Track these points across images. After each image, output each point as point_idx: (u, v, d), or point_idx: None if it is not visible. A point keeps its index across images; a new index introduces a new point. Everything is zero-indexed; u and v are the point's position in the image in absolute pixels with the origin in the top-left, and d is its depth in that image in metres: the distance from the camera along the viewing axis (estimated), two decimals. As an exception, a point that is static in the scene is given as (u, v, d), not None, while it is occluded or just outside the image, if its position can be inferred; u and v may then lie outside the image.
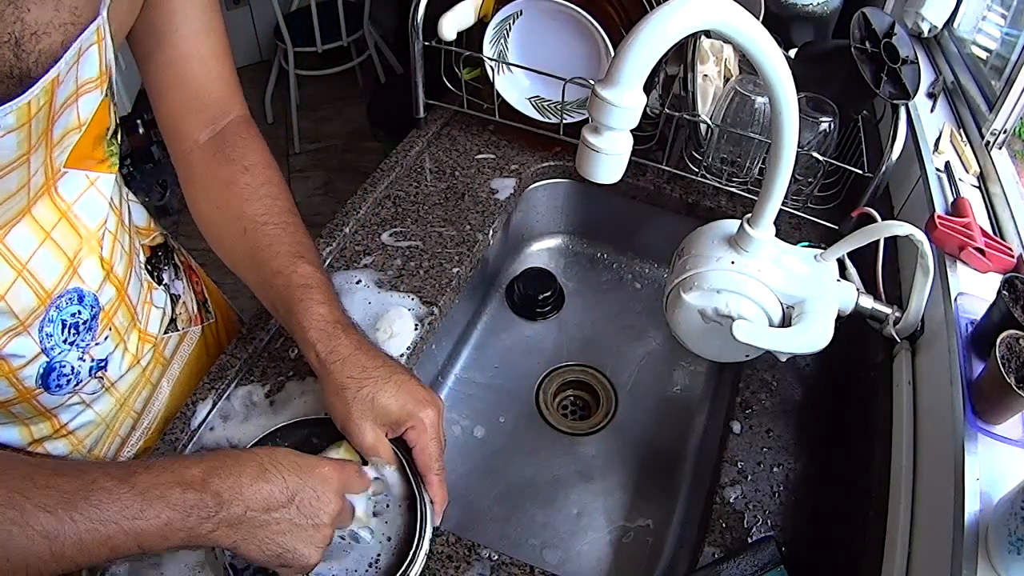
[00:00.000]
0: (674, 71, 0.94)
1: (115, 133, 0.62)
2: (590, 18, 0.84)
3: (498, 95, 0.95)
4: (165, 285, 0.75)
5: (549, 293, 0.99)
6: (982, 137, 0.83)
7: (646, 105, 0.51)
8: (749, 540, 0.63)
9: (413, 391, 0.59)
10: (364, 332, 0.64)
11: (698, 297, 0.64)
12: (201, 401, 0.69)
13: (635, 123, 0.50)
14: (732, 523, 0.64)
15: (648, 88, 0.79)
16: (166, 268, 0.76)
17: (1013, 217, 0.74)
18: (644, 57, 0.47)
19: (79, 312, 0.60)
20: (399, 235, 0.87)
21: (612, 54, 0.61)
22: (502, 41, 0.92)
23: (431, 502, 0.60)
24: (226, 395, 0.70)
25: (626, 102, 0.48)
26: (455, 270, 0.83)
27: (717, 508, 0.65)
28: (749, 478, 0.68)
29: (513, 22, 0.90)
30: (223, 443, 0.66)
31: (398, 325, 0.76)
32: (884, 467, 0.62)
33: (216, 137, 0.67)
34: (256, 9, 2.99)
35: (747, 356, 0.68)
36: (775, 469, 0.69)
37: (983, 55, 0.97)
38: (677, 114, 0.87)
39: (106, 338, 0.64)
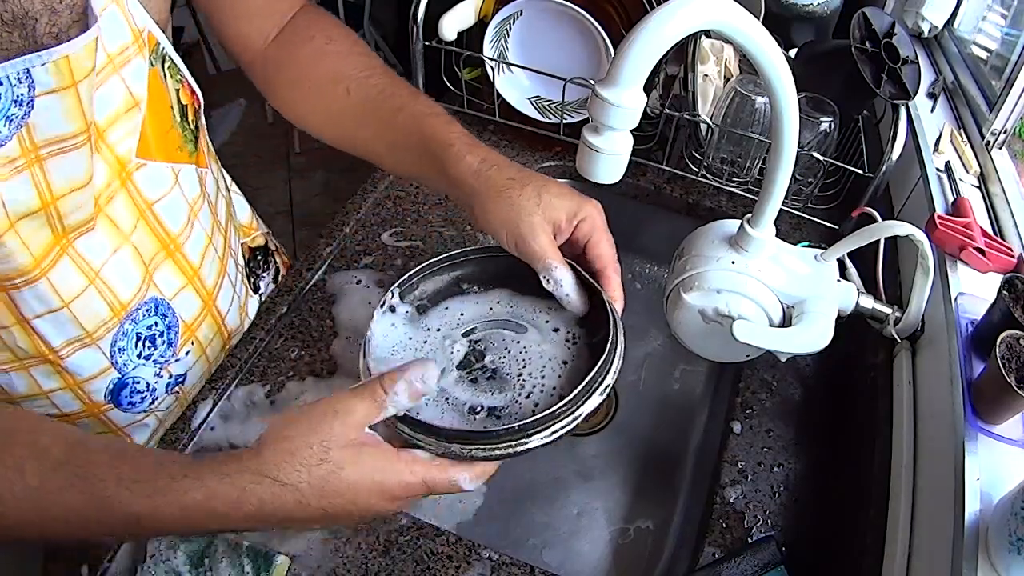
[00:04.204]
0: (674, 71, 0.94)
1: (185, 114, 0.57)
2: (590, 18, 0.84)
3: (498, 95, 0.95)
4: (260, 295, 0.69)
5: (549, 293, 0.98)
6: (982, 137, 0.83)
7: (646, 105, 0.51)
8: (749, 540, 0.63)
9: (572, 191, 0.55)
10: None
11: (698, 297, 0.64)
12: (201, 401, 0.68)
13: (635, 123, 0.50)
14: (732, 523, 0.64)
15: (648, 88, 0.79)
16: (264, 274, 0.71)
17: (1013, 217, 0.74)
18: (644, 57, 0.47)
19: (155, 324, 0.56)
20: (399, 235, 0.87)
21: (612, 54, 0.61)
22: (502, 41, 0.92)
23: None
24: (226, 395, 0.70)
25: (626, 102, 0.48)
26: (455, 270, 0.83)
27: (717, 508, 0.65)
28: (749, 478, 0.68)
29: (513, 22, 0.90)
30: (223, 443, 0.66)
31: (398, 325, 0.76)
32: (884, 467, 0.62)
33: (286, 28, 0.63)
34: (256, 9, 2.98)
35: (747, 356, 0.68)
36: (775, 469, 0.69)
37: (983, 55, 0.97)
38: (677, 114, 0.87)
39: (187, 353, 0.59)
